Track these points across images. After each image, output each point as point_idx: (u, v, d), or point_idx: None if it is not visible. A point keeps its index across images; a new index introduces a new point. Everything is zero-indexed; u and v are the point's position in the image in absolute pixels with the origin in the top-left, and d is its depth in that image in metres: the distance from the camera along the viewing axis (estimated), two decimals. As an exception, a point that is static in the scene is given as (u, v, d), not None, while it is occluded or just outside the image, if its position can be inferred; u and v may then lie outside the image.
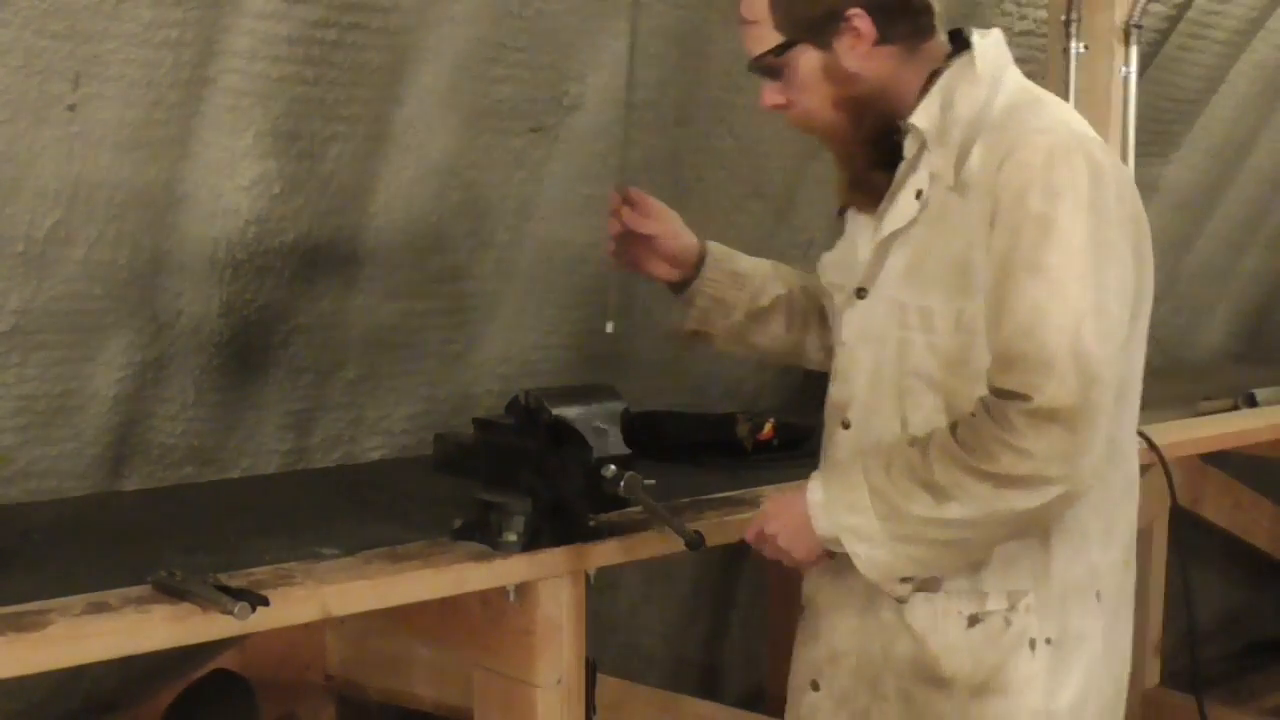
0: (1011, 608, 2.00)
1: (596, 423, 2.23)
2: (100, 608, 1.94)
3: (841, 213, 2.20)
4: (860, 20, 2.00)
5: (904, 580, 1.99)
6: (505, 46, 2.86)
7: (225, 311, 2.81)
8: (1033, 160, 1.90)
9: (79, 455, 2.76)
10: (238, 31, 2.53)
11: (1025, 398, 1.84)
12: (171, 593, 1.97)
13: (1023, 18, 3.65)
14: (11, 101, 2.37)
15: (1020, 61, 3.66)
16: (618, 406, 2.29)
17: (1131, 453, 2.09)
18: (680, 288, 2.34)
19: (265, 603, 1.93)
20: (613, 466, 2.18)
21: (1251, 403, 3.90)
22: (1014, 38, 3.66)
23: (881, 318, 2.05)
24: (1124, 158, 3.04)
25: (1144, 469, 3.31)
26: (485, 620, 2.32)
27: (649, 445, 2.52)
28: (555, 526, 2.26)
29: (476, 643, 2.35)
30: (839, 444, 2.11)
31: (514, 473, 2.26)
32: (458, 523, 2.33)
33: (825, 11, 2.01)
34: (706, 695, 3.86)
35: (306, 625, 2.86)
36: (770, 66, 2.06)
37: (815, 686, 2.17)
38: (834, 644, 2.14)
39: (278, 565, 2.17)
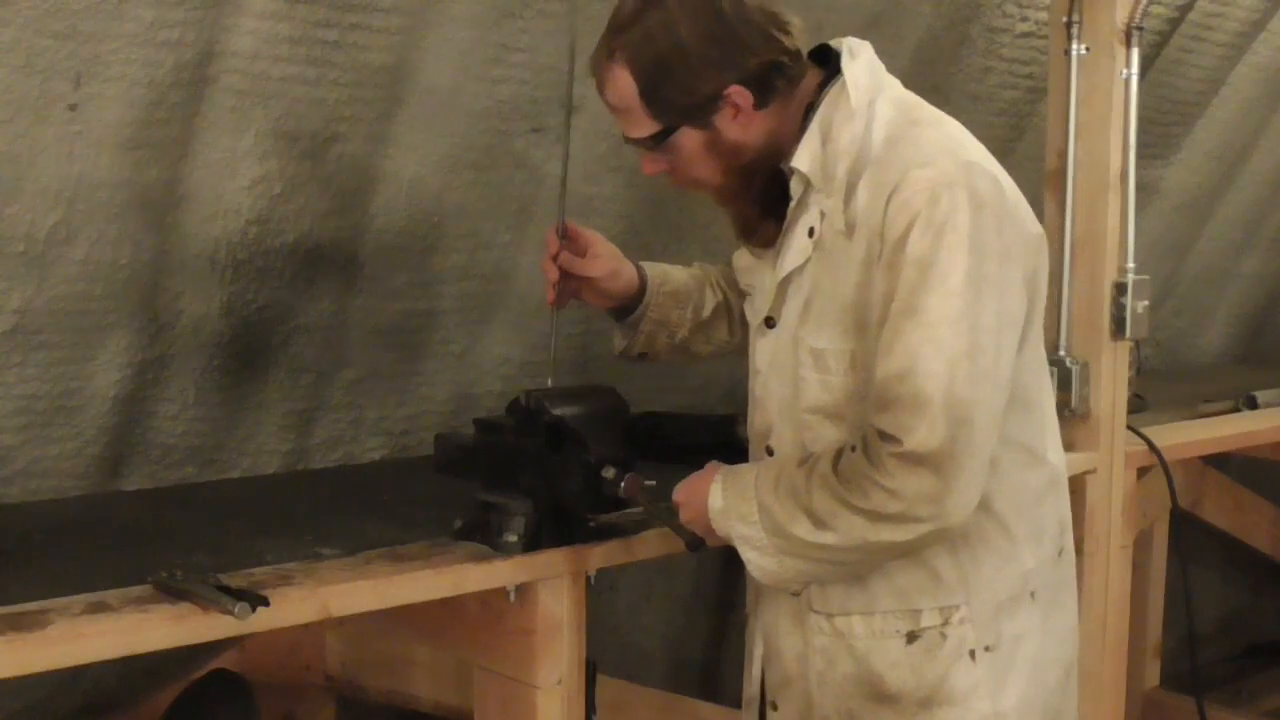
0: (945, 622, 2.03)
1: (596, 424, 2.23)
2: (100, 608, 1.95)
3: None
4: (738, 95, 1.99)
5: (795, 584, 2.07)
6: (506, 47, 2.86)
7: (226, 312, 2.81)
8: (914, 200, 1.89)
9: (79, 455, 2.76)
10: (239, 31, 2.53)
11: (897, 440, 1.88)
12: (172, 593, 1.97)
13: (1024, 19, 3.65)
14: (13, 101, 2.37)
15: (1021, 63, 3.71)
16: (618, 407, 2.29)
17: (1050, 453, 2.12)
18: (622, 314, 2.35)
19: (265, 603, 1.93)
20: (613, 468, 2.18)
21: (1252, 405, 3.90)
22: (1015, 39, 3.66)
23: (787, 351, 2.07)
24: (1125, 159, 3.03)
25: (1145, 471, 3.34)
26: (485, 621, 2.32)
27: (650, 446, 2.52)
28: (555, 527, 2.26)
29: (476, 643, 2.35)
30: None
31: (514, 473, 2.26)
32: (458, 523, 2.33)
33: (703, 96, 1.99)
34: (706, 696, 3.86)
35: (306, 626, 2.87)
36: (650, 147, 2.06)
37: (775, 707, 2.21)
38: (785, 668, 2.17)
39: (278, 565, 2.17)
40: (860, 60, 2.04)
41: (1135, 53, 3.01)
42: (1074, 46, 3.01)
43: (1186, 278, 4.76)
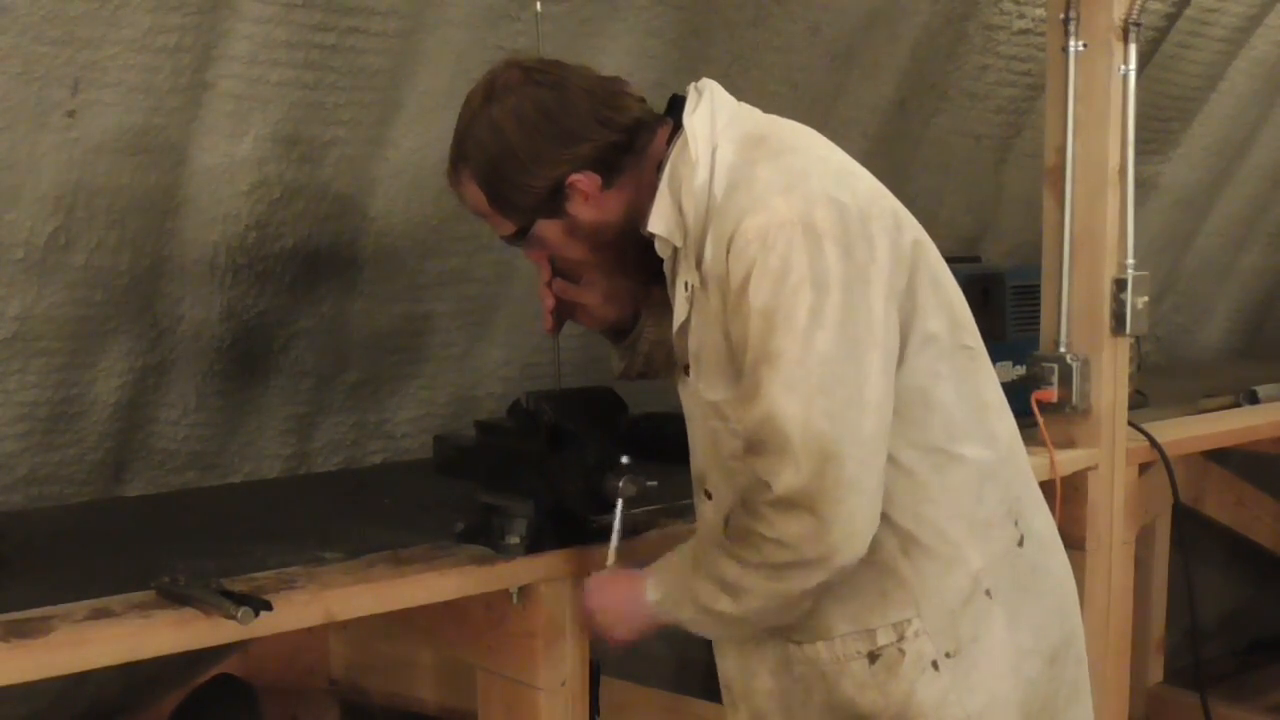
0: (901, 637, 2.01)
1: (596, 425, 2.23)
2: (103, 613, 1.95)
3: None
4: (582, 181, 2.00)
5: None
6: (503, 49, 2.86)
7: (226, 316, 2.82)
8: (748, 249, 1.88)
9: (81, 461, 2.76)
10: (236, 36, 2.53)
11: (768, 486, 1.87)
12: (174, 598, 1.97)
13: (1021, 16, 3.65)
14: (11, 108, 2.37)
15: (1019, 60, 3.71)
16: (618, 408, 2.29)
17: (967, 448, 2.04)
18: (619, 336, 2.36)
19: (268, 607, 1.93)
20: (618, 476, 2.18)
21: (1253, 399, 3.90)
22: (1012, 36, 3.67)
23: (696, 402, 2.07)
24: (1124, 155, 3.03)
25: (1146, 467, 3.34)
26: (488, 623, 2.32)
27: (651, 447, 2.52)
28: (557, 528, 2.26)
29: (479, 646, 2.35)
30: (703, 515, 2.13)
31: (515, 475, 2.26)
32: (460, 526, 2.32)
33: (545, 190, 2.00)
34: (710, 697, 3.86)
35: (309, 630, 2.86)
36: (521, 244, 2.09)
37: None
38: (755, 707, 2.16)
39: (280, 570, 2.17)
40: (701, 107, 2.02)
41: (1133, 48, 3.01)
42: (1071, 43, 3.01)
43: (1186, 273, 4.76)
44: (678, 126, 2.02)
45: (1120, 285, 3.04)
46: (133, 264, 2.65)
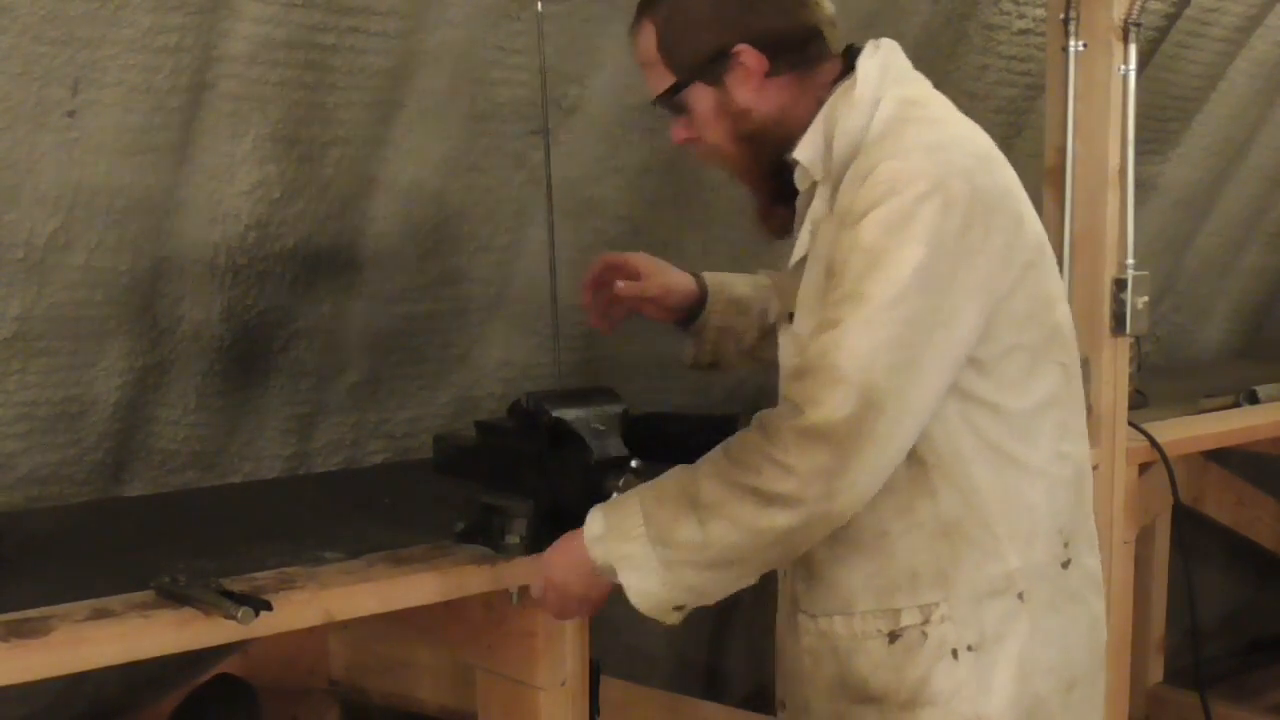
0: (926, 620, 2.00)
1: (596, 425, 2.23)
2: (103, 613, 1.95)
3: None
4: (748, 55, 2.02)
5: (677, 609, 1.98)
6: (504, 49, 2.87)
7: (226, 316, 2.82)
8: (877, 190, 1.89)
9: (81, 461, 2.76)
10: (236, 36, 2.53)
11: (800, 411, 1.85)
12: (174, 598, 1.98)
13: (1021, 16, 3.65)
14: (11, 108, 2.37)
15: (1019, 60, 3.71)
16: (618, 408, 2.29)
17: (1026, 456, 2.03)
18: (686, 322, 2.36)
19: (268, 607, 1.93)
20: (622, 479, 2.18)
21: (1253, 399, 3.91)
22: (1012, 36, 3.66)
23: (799, 349, 2.05)
24: (1124, 155, 3.04)
25: (1146, 467, 3.35)
26: (488, 623, 2.32)
27: (651, 447, 2.52)
28: (557, 528, 2.26)
29: (479, 645, 2.35)
30: None
31: (515, 475, 2.27)
32: (459, 525, 2.33)
33: (713, 51, 2.03)
34: (710, 696, 3.86)
35: (309, 630, 2.86)
36: (671, 105, 2.10)
37: (782, 705, 2.21)
38: (784, 666, 2.18)
39: (280, 570, 2.17)
40: (876, 57, 2.06)
41: (1133, 48, 3.01)
42: (1071, 43, 3.02)
43: (1186, 273, 4.76)
44: (848, 70, 2.05)
45: (1120, 285, 3.04)
46: (133, 264, 2.65)
